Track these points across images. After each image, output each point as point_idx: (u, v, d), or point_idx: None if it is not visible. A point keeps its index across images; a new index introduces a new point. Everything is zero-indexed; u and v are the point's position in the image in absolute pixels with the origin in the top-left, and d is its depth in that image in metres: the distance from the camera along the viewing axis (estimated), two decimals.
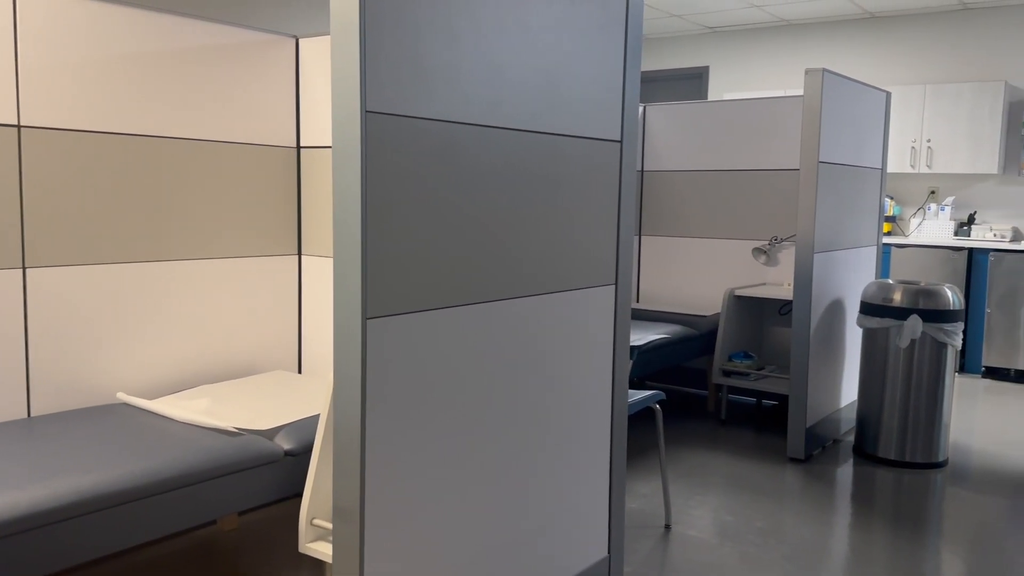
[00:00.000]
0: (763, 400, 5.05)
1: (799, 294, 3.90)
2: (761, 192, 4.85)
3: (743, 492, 3.53)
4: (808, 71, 3.79)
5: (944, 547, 3.04)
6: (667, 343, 4.23)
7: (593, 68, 2.13)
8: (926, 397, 3.85)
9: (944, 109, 6.23)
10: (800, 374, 3.93)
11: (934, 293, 3.83)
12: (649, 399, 3.08)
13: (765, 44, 7.29)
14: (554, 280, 2.08)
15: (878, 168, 4.58)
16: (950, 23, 6.45)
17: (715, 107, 5.01)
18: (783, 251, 4.80)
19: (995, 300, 5.81)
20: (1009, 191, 6.31)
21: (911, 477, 3.78)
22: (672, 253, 5.20)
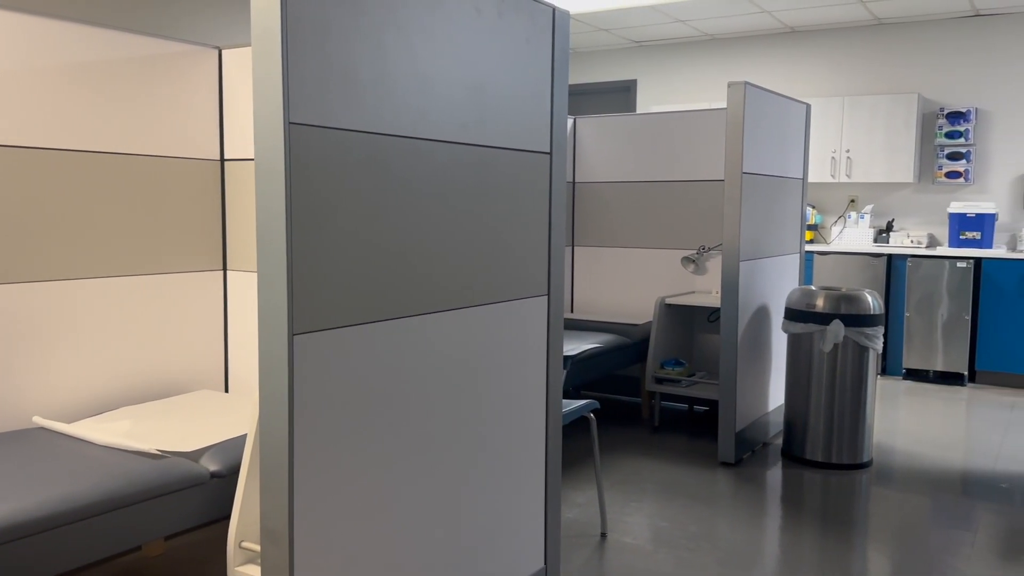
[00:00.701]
0: (695, 406, 5.14)
1: (726, 301, 3.99)
2: (689, 202, 4.95)
3: (677, 498, 3.58)
4: (731, 84, 3.89)
5: (870, 546, 3.13)
6: (601, 352, 4.27)
7: (521, 80, 2.14)
8: (850, 400, 3.98)
9: (862, 120, 6.48)
10: (729, 380, 4.01)
11: (855, 298, 3.96)
12: (583, 408, 3.10)
13: (690, 58, 7.46)
14: (486, 292, 2.08)
15: (799, 178, 4.73)
16: (866, 37, 6.71)
17: (643, 120, 5.10)
18: (711, 260, 4.90)
19: (913, 304, 6.04)
20: (924, 199, 6.59)
21: (837, 478, 3.89)
22: (605, 263, 5.26)
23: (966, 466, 4.08)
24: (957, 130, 6.33)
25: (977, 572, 2.89)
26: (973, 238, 6.08)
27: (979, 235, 6.06)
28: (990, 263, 5.84)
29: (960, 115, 6.30)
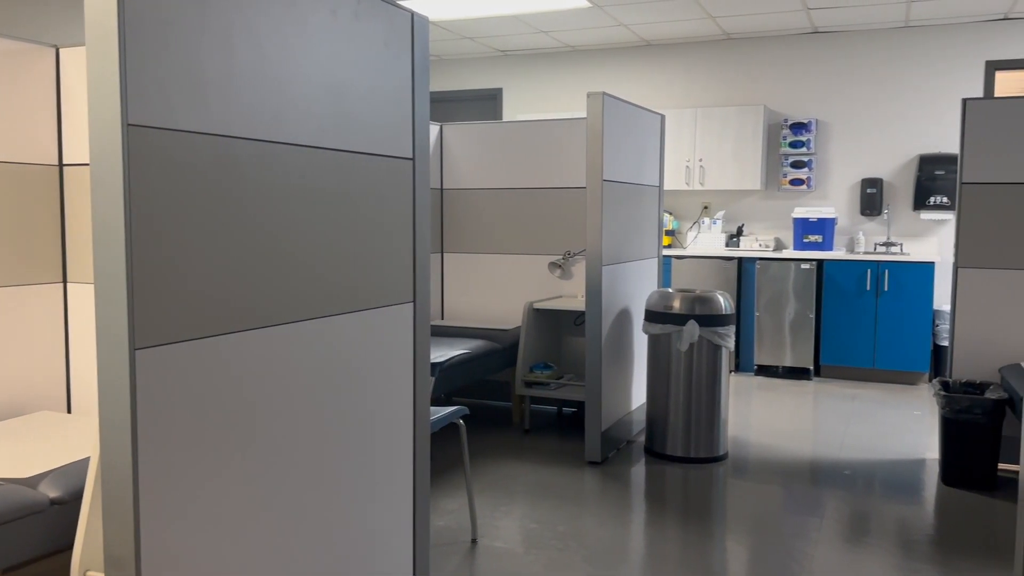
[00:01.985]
0: (564, 408, 5.24)
1: (591, 305, 4.09)
2: (554, 209, 5.05)
3: (546, 499, 3.63)
4: (590, 94, 4.01)
5: (728, 535, 3.29)
6: (470, 358, 4.28)
7: (381, 85, 2.12)
8: (705, 396, 4.17)
9: (713, 131, 6.82)
10: (595, 381, 4.11)
11: (708, 299, 4.16)
12: (452, 415, 3.09)
13: (554, 68, 7.63)
14: (348, 300, 2.03)
15: (656, 185, 4.92)
16: (716, 51, 7.08)
17: (509, 128, 5.17)
18: (576, 264, 5.02)
19: (763, 304, 6.41)
20: (771, 205, 7.01)
21: (696, 472, 4.07)
22: (474, 269, 5.28)
23: (814, 455, 4.36)
24: (799, 140, 6.77)
25: (824, 555, 3.09)
26: (815, 241, 6.52)
27: (821, 238, 6.51)
28: (831, 264, 6.28)
29: (802, 126, 6.75)
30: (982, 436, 3.78)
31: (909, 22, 6.36)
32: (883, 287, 6.11)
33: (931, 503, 3.65)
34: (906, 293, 6.06)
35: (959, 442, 3.82)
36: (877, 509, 3.57)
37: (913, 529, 3.34)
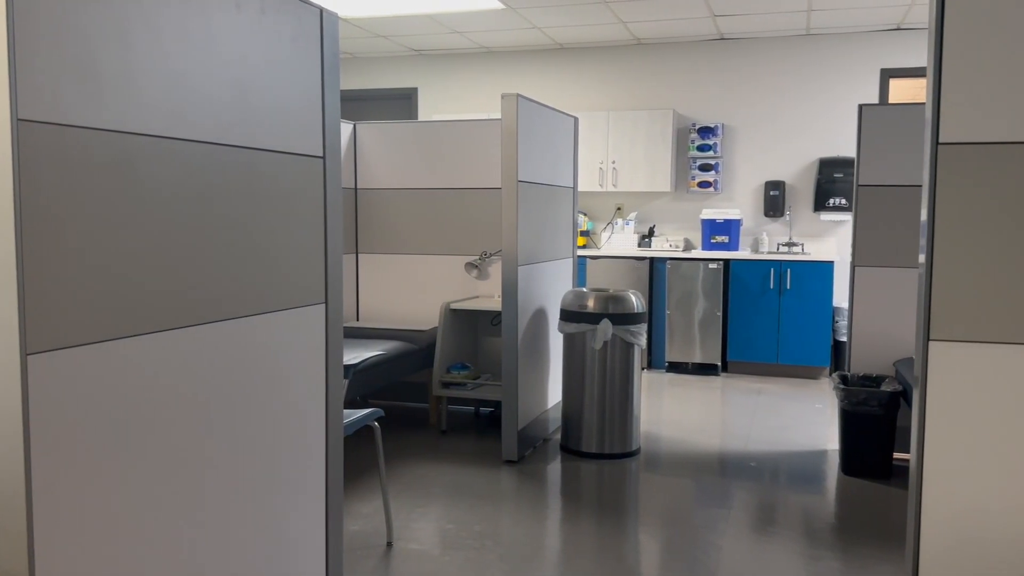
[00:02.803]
0: (481, 408, 5.25)
1: (507, 305, 4.11)
2: (471, 209, 5.06)
3: (463, 499, 3.63)
4: (504, 96, 4.03)
5: (641, 529, 3.36)
6: (385, 360, 4.24)
7: (289, 82, 2.07)
8: (619, 393, 4.25)
9: (625, 133, 6.96)
10: (511, 380, 4.13)
11: (621, 298, 4.24)
12: (367, 417, 3.05)
13: (469, 69, 7.63)
14: (256, 302, 1.98)
15: (570, 187, 4.99)
16: (627, 56, 7.22)
17: (425, 128, 5.15)
18: (492, 265, 5.04)
19: (674, 302, 6.58)
20: (681, 206, 7.20)
21: (610, 468, 4.14)
22: (390, 270, 5.24)
23: (722, 448, 4.49)
24: (707, 144, 6.98)
25: (732, 545, 3.20)
26: (722, 242, 6.73)
27: (727, 239, 6.72)
28: (737, 264, 6.49)
29: (709, 130, 6.96)
30: (878, 427, 3.97)
31: (810, 30, 6.64)
32: (786, 285, 6.36)
33: (832, 492, 3.82)
34: (807, 291, 6.32)
35: (857, 433, 4.01)
36: (782, 499, 3.71)
37: (816, 518, 3.48)
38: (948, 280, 1.86)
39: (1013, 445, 1.85)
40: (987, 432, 1.86)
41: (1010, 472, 1.85)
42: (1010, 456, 1.85)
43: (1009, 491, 1.85)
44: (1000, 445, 1.85)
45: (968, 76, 1.84)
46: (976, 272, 1.85)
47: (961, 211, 1.85)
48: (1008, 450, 1.85)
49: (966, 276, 1.86)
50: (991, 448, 1.86)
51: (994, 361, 1.85)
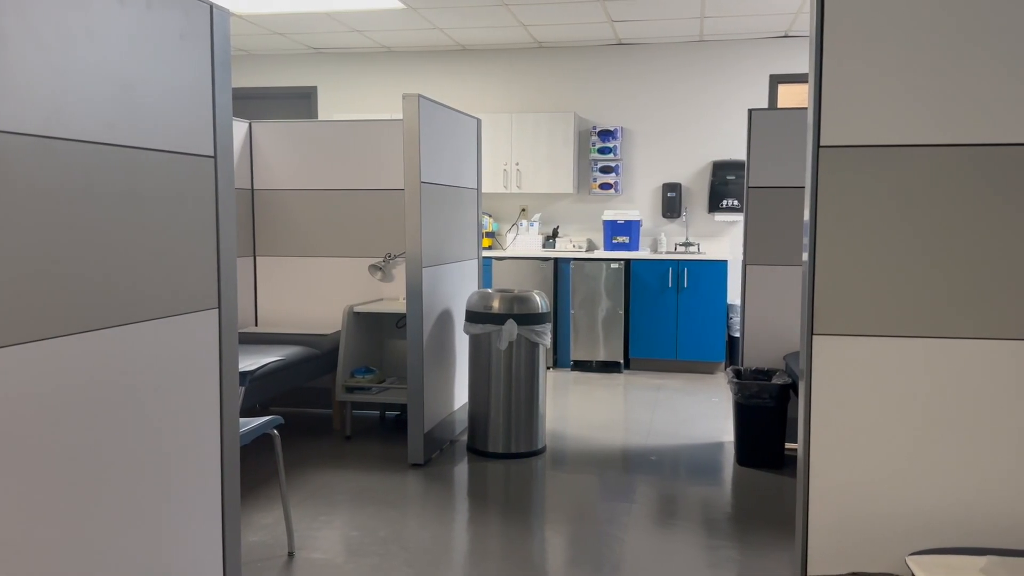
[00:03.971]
0: (387, 411, 5.19)
1: (411, 307, 4.08)
2: (374, 211, 4.99)
3: (368, 505, 3.58)
4: (405, 96, 4.00)
5: (547, 526, 3.39)
6: (285, 365, 4.13)
7: (177, 79, 2.00)
8: (525, 393, 4.28)
9: (527, 136, 7.02)
10: (416, 383, 4.11)
11: (525, 299, 4.27)
12: (265, 425, 2.97)
13: (370, 68, 7.54)
14: (143, 307, 1.90)
15: (475, 188, 4.99)
16: (528, 59, 7.29)
17: (324, 127, 5.05)
18: (397, 267, 4.99)
19: (578, 302, 6.68)
20: (583, 208, 7.32)
21: (516, 466, 4.16)
22: (291, 273, 5.11)
23: (625, 444, 4.59)
24: (607, 146, 7.12)
25: (635, 538, 3.27)
26: (623, 242, 6.88)
27: (628, 239, 6.87)
28: (638, 264, 6.65)
29: (609, 133, 7.10)
30: (770, 419, 4.14)
31: (703, 37, 6.86)
32: (683, 284, 6.55)
33: (728, 483, 3.96)
34: (703, 289, 6.53)
35: (751, 425, 4.17)
36: (682, 491, 3.82)
37: (713, 508, 3.60)
38: (829, 277, 1.96)
39: (891, 431, 1.96)
40: (868, 420, 1.97)
41: (889, 457, 1.96)
42: (889, 442, 1.96)
43: (888, 475, 1.96)
44: (880, 432, 1.96)
45: (847, 82, 1.94)
46: (855, 269, 1.95)
47: (841, 211, 1.95)
48: (887, 436, 1.96)
49: (846, 273, 1.96)
50: (872, 435, 1.97)
51: (873, 353, 1.95)
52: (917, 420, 1.94)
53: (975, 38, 1.86)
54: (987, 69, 1.86)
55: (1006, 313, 1.89)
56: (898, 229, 1.93)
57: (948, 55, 1.88)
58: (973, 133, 1.88)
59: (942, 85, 1.89)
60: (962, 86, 1.88)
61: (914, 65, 1.90)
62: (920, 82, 1.90)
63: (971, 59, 1.87)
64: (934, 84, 1.89)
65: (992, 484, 1.92)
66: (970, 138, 1.88)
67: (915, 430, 1.95)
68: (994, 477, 1.92)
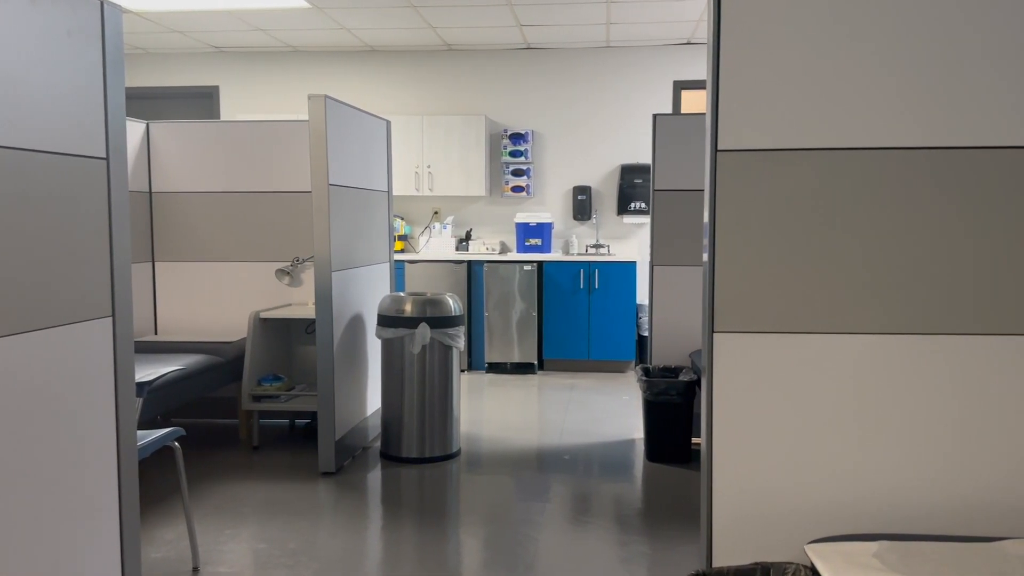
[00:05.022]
0: (296, 420, 5.08)
1: (321, 312, 4.01)
2: (280, 214, 4.88)
3: (277, 516, 3.49)
4: (311, 97, 3.92)
5: (462, 529, 3.38)
6: (186, 375, 3.99)
7: (65, 78, 1.90)
8: (438, 396, 4.26)
9: (439, 138, 7.00)
10: (327, 390, 4.03)
11: (438, 302, 4.26)
12: (165, 437, 2.86)
13: (275, 68, 7.37)
14: (31, 317, 1.80)
15: (385, 191, 4.94)
16: (439, 61, 7.27)
17: (227, 128, 4.91)
18: (306, 271, 4.89)
19: (492, 304, 6.69)
20: (496, 210, 7.34)
21: (431, 471, 4.14)
22: (193, 279, 4.94)
23: (539, 444, 4.63)
24: (519, 149, 7.17)
25: (549, 537, 3.30)
26: (536, 244, 6.94)
27: (540, 241, 6.93)
28: (550, 265, 6.71)
29: (520, 136, 7.15)
30: (678, 415, 4.25)
31: (609, 43, 6.99)
32: (594, 285, 6.66)
33: (639, 479, 4.04)
34: (613, 290, 6.65)
35: (659, 421, 4.27)
36: (594, 489, 3.87)
37: (625, 504, 3.67)
38: (728, 277, 2.03)
39: (789, 424, 2.04)
40: (766, 414, 2.04)
41: (787, 449, 2.04)
42: (787, 434, 2.04)
43: (787, 466, 2.04)
44: (778, 425, 2.04)
45: (742, 88, 2.01)
46: (753, 268, 2.03)
47: (738, 213, 2.02)
48: (785, 429, 2.04)
49: (744, 272, 2.02)
50: (770, 428, 2.04)
51: (770, 349, 2.03)
52: (813, 413, 2.03)
53: (866, 46, 1.96)
54: (877, 76, 1.96)
55: (895, 309, 1.99)
56: (793, 230, 2.01)
57: (840, 62, 1.97)
58: (863, 137, 1.98)
59: (834, 91, 1.98)
60: (853, 92, 1.97)
61: (807, 72, 1.98)
62: (813, 88, 1.98)
63: (863, 66, 1.96)
64: (827, 90, 1.98)
65: (883, 473, 2.02)
66: (860, 142, 1.98)
67: (811, 423, 2.03)
68: (885, 466, 2.02)
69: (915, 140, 1.96)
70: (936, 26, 1.94)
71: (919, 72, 1.95)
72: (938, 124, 1.96)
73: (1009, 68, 1.92)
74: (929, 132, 1.96)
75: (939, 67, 1.94)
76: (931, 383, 1.99)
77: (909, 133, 1.96)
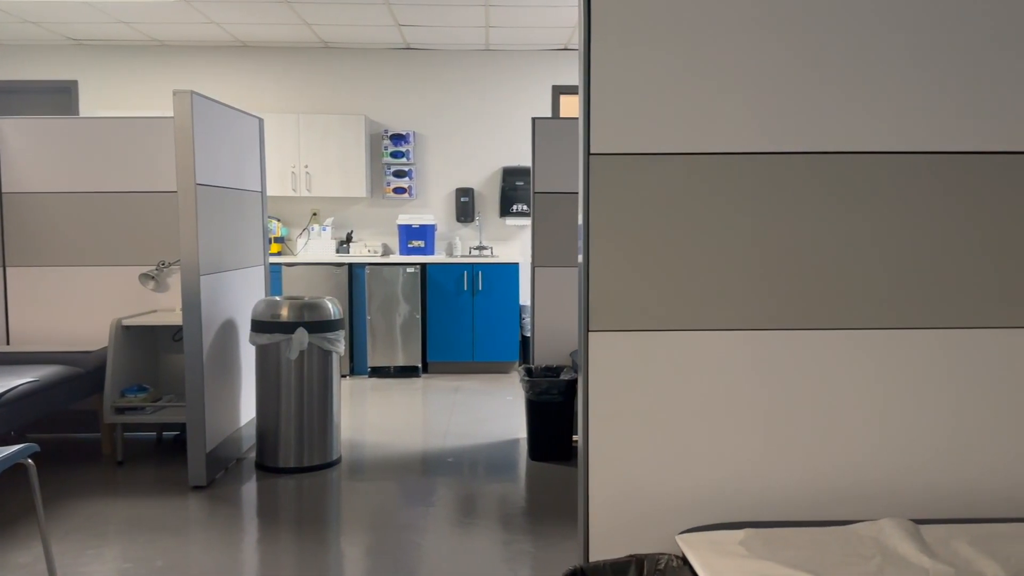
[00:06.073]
0: (164, 432, 4.83)
1: (189, 318, 3.83)
2: (144, 215, 4.63)
3: (143, 534, 3.31)
4: (176, 92, 3.74)
5: (344, 539, 3.30)
6: (41, 387, 3.72)
7: None
8: (317, 403, 4.15)
9: (317, 138, 6.83)
10: (197, 400, 3.85)
11: (316, 306, 4.15)
12: (17, 455, 2.65)
13: (140, 62, 7.00)
14: None
15: (258, 191, 4.77)
16: (315, 58, 7.09)
17: (87, 125, 4.62)
18: (173, 275, 4.66)
19: (375, 308, 6.59)
20: (377, 212, 7.23)
21: (310, 480, 4.03)
22: (49, 285, 4.62)
23: (423, 447, 4.58)
24: (400, 150, 7.09)
25: (433, 541, 3.26)
26: (419, 246, 6.88)
27: (423, 243, 6.88)
28: (433, 267, 6.67)
29: (401, 137, 7.07)
30: (559, 413, 4.31)
31: (489, 46, 7.02)
32: (478, 287, 6.67)
33: (522, 478, 4.07)
34: (497, 291, 6.69)
35: (541, 420, 4.31)
36: (479, 490, 3.87)
37: (509, 504, 3.68)
38: (602, 277, 2.06)
39: (660, 420, 2.09)
40: (639, 410, 2.09)
41: (658, 443, 2.10)
42: (657, 430, 2.09)
43: (658, 460, 2.10)
44: (649, 421, 2.09)
45: (613, 93, 2.05)
46: (625, 269, 2.07)
47: (611, 215, 2.06)
48: (656, 424, 2.09)
49: (617, 273, 2.07)
50: (642, 424, 2.09)
51: (642, 346, 2.08)
52: (683, 408, 2.09)
53: (731, 55, 2.04)
54: (740, 83, 2.05)
55: (759, 306, 2.08)
56: (662, 232, 2.07)
57: (705, 70, 2.04)
58: (727, 142, 2.06)
59: (699, 97, 2.05)
60: (717, 99, 2.05)
61: (675, 78, 2.04)
62: (680, 94, 2.05)
63: (726, 73, 2.04)
64: (692, 96, 2.05)
65: (750, 463, 2.11)
66: (724, 147, 2.06)
67: (681, 417, 2.09)
68: (751, 457, 2.11)
69: (774, 145, 2.06)
70: (794, 35, 2.04)
71: (779, 80, 2.05)
72: (797, 129, 2.06)
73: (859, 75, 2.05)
74: (789, 137, 2.06)
75: (797, 74, 2.04)
76: (791, 376, 2.10)
77: (770, 138, 2.06)
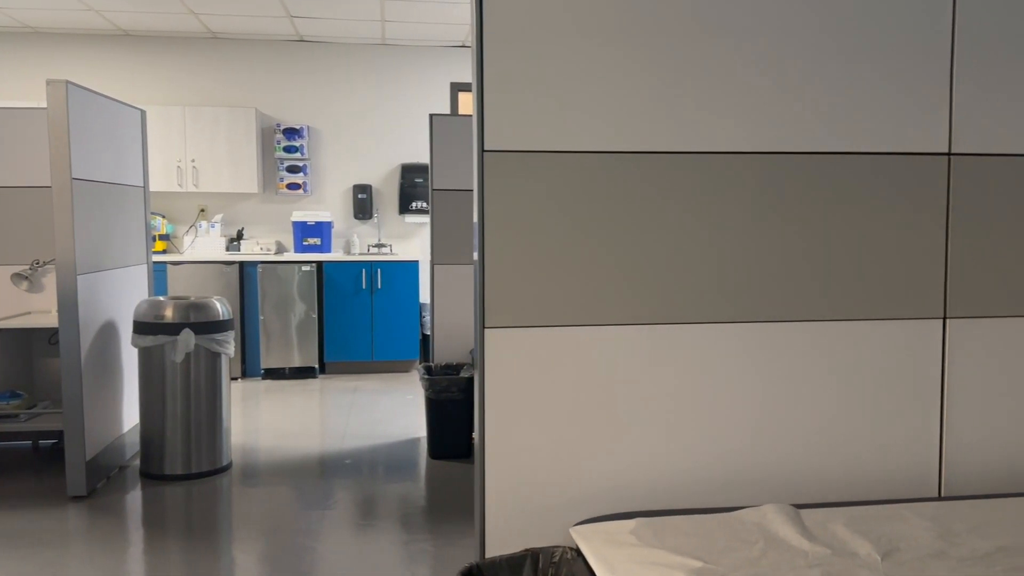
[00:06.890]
0: (40, 441, 4.55)
1: (65, 320, 3.62)
2: (16, 211, 4.35)
3: (18, 547, 3.10)
4: (50, 82, 3.53)
5: (236, 546, 3.19)
6: None
7: None
8: (206, 407, 4.00)
9: (204, 131, 6.57)
10: (74, 406, 3.65)
11: (204, 306, 3.99)
12: None
13: (10, 49, 6.56)
14: None
15: (140, 186, 4.56)
16: (203, 49, 6.82)
17: None
18: (48, 275, 4.39)
19: (268, 307, 6.40)
20: (270, 208, 7.03)
21: (199, 487, 3.87)
22: None
23: (321, 450, 4.49)
24: (294, 145, 6.91)
25: (330, 545, 3.20)
26: (314, 244, 6.73)
27: (319, 241, 6.73)
28: (330, 265, 6.54)
29: (295, 131, 6.89)
30: (459, 411, 4.30)
31: (385, 40, 6.93)
32: (377, 285, 6.58)
33: (422, 477, 4.04)
34: (396, 289, 6.62)
35: (441, 418, 4.30)
36: (378, 491, 3.82)
37: (408, 503, 3.65)
38: (497, 274, 2.07)
39: (553, 415, 2.11)
40: (533, 405, 2.10)
41: (552, 438, 2.12)
42: (551, 424, 2.12)
43: (552, 454, 2.12)
44: (543, 416, 2.11)
45: (506, 90, 2.06)
46: (519, 266, 2.08)
47: (505, 212, 2.06)
48: (549, 419, 2.11)
49: (512, 269, 2.07)
50: (536, 419, 2.11)
51: (536, 342, 2.09)
52: (575, 402, 2.12)
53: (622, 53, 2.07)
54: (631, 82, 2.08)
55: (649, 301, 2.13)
56: (555, 229, 2.08)
57: (597, 68, 2.07)
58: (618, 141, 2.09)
59: (590, 96, 2.08)
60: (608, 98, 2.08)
61: (567, 76, 2.06)
62: (571, 93, 2.07)
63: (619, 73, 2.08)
64: (583, 95, 2.07)
65: (640, 454, 2.16)
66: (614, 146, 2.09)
67: (574, 411, 2.12)
68: (641, 448, 2.15)
69: (662, 144, 2.11)
70: (687, 34, 2.09)
71: (669, 78, 2.10)
72: (684, 129, 2.12)
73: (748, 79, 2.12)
74: (675, 137, 2.12)
75: (689, 73, 2.10)
76: (678, 369, 2.16)
77: (658, 138, 2.11)
